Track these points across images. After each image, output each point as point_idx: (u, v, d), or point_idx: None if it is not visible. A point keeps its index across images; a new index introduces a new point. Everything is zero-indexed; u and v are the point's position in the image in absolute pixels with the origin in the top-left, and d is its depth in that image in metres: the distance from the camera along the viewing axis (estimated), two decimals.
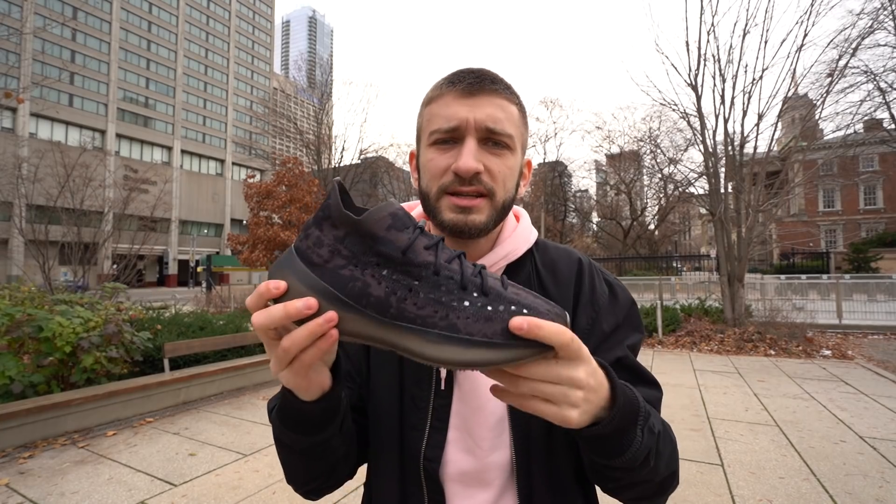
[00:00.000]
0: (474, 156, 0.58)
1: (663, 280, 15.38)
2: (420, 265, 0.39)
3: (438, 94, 0.63)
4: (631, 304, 0.70)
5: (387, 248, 0.39)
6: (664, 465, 0.55)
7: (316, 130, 29.58)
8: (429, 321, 0.38)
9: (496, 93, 0.61)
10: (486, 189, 0.60)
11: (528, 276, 0.69)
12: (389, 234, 0.39)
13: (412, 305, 0.39)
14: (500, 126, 0.60)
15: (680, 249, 49.36)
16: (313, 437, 0.54)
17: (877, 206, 35.59)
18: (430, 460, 0.62)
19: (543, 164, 35.85)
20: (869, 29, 9.55)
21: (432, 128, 0.62)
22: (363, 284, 0.39)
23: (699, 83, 9.29)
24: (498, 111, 0.60)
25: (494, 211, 0.62)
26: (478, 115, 0.59)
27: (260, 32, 64.42)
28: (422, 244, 0.40)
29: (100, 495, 2.90)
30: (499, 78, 0.63)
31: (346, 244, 0.40)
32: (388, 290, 0.39)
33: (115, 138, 45.93)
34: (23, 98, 5.71)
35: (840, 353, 7.23)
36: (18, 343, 4.21)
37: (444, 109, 0.61)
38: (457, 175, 0.59)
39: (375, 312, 0.39)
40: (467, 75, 0.61)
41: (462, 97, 0.60)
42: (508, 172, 0.62)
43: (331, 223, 0.40)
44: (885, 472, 3.08)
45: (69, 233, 8.44)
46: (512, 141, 0.61)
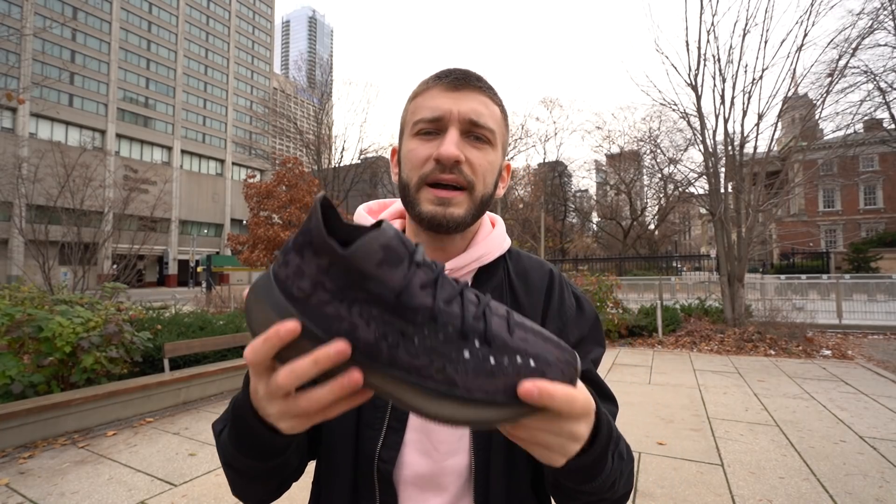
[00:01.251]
0: (456, 144, 0.59)
1: (663, 280, 15.39)
2: (416, 309, 0.34)
3: (425, 89, 0.64)
4: (595, 318, 0.72)
5: (378, 288, 0.33)
6: (623, 485, 0.55)
7: (316, 130, 29.58)
8: (423, 372, 0.34)
9: (480, 90, 0.63)
10: (465, 181, 0.61)
11: (500, 282, 0.70)
12: (381, 271, 0.33)
13: (405, 354, 0.34)
14: (482, 119, 0.61)
15: (680, 249, 49.37)
16: (272, 461, 0.50)
17: (877, 206, 35.59)
18: (384, 461, 0.60)
19: (543, 164, 35.87)
20: (869, 29, 9.55)
21: (416, 118, 0.63)
22: (350, 326, 0.33)
23: (699, 83, 9.30)
24: (481, 106, 0.62)
25: (473, 205, 0.62)
26: (461, 107, 0.60)
27: (260, 32, 64.42)
28: (418, 283, 0.34)
29: (100, 495, 2.90)
30: (483, 78, 0.64)
31: (331, 276, 0.33)
32: (379, 334, 0.34)
33: (115, 138, 45.94)
34: (23, 98, 5.71)
35: (840, 353, 7.23)
36: (18, 343, 4.21)
37: (429, 101, 0.62)
38: (438, 163, 0.59)
39: (365, 357, 0.34)
40: (454, 71, 0.63)
41: (447, 91, 0.62)
42: (488, 167, 0.63)
43: (312, 250, 0.34)
44: (885, 472, 3.08)
45: (69, 233, 8.44)
46: (493, 136, 0.63)
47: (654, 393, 5.19)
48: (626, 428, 3.93)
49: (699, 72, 9.26)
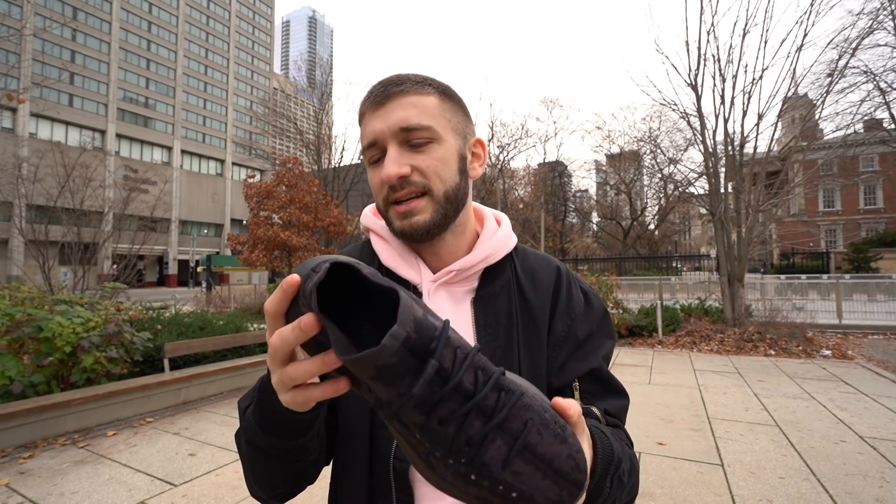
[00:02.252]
0: (396, 162, 0.60)
1: (663, 280, 15.39)
2: (407, 422, 0.34)
3: (361, 115, 0.65)
4: (604, 312, 0.73)
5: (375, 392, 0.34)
6: (626, 495, 0.55)
7: (316, 130, 29.59)
8: (415, 447, 0.36)
9: (403, 93, 0.62)
10: (420, 188, 0.61)
11: (507, 280, 0.70)
12: (374, 384, 0.34)
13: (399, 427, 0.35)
14: (412, 122, 0.60)
15: (680, 249, 49.36)
16: (293, 441, 0.52)
17: (877, 206, 35.59)
18: (400, 460, 0.61)
19: (543, 164, 35.85)
20: (869, 29, 9.55)
21: (362, 149, 0.65)
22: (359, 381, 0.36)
23: (699, 83, 9.30)
24: (408, 109, 0.61)
25: (438, 205, 0.62)
26: (389, 122, 0.61)
27: (260, 32, 64.41)
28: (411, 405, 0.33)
29: (100, 495, 2.90)
30: (406, 78, 0.63)
31: None
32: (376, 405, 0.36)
33: (115, 138, 45.92)
34: (23, 98, 5.71)
35: (840, 353, 7.23)
36: (18, 343, 4.21)
37: (365, 128, 0.64)
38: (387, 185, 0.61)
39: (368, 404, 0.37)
40: (376, 87, 0.63)
41: (375, 110, 0.62)
42: (439, 164, 0.62)
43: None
44: (885, 472, 3.08)
45: (69, 233, 8.44)
46: (431, 132, 0.62)
47: (654, 393, 5.19)
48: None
49: (699, 72, 9.26)
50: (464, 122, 0.68)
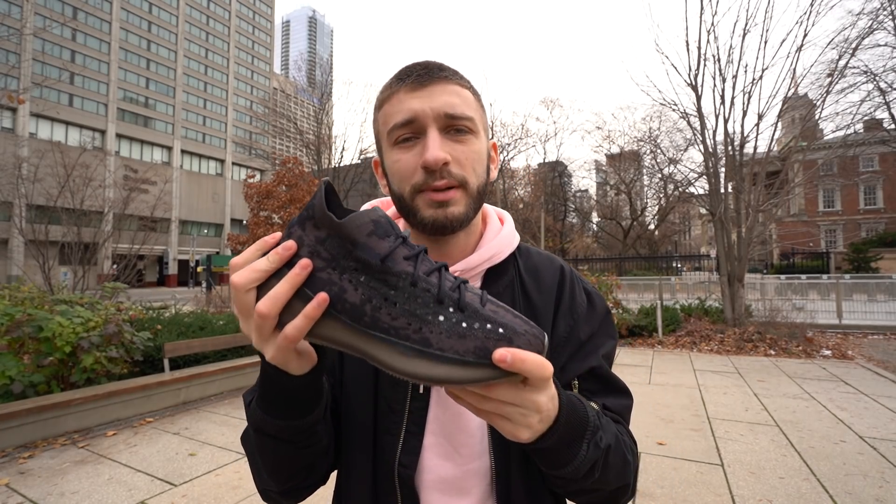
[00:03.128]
0: (440, 145, 0.57)
1: (663, 280, 15.39)
2: (397, 274, 0.39)
3: (389, 94, 0.61)
4: (606, 312, 0.72)
5: (366, 254, 0.39)
6: (614, 476, 0.56)
7: (316, 130, 29.59)
8: (402, 333, 0.38)
9: (447, 80, 0.60)
10: (457, 180, 0.59)
11: (510, 280, 0.69)
12: (370, 240, 0.39)
13: (386, 315, 0.38)
14: (458, 110, 0.59)
15: (680, 249, 49.36)
16: (301, 419, 0.51)
17: (877, 206, 35.59)
18: (404, 466, 0.60)
19: (543, 164, 35.84)
20: (869, 29, 9.55)
21: (389, 126, 0.60)
22: (339, 289, 0.38)
23: (699, 83, 9.29)
24: (453, 97, 0.59)
25: (471, 199, 0.61)
26: (434, 103, 0.58)
27: (260, 32, 64.40)
28: (402, 254, 0.40)
29: (100, 495, 2.90)
30: (446, 66, 0.62)
31: (327, 246, 0.39)
32: (364, 297, 0.38)
33: (115, 138, 45.92)
34: (23, 98, 5.72)
35: (840, 353, 7.23)
36: (18, 343, 4.21)
37: (398, 106, 0.59)
38: (426, 170, 0.57)
39: (349, 319, 0.38)
40: (415, 68, 0.60)
41: (414, 90, 0.59)
42: (476, 157, 0.61)
43: (313, 223, 0.40)
44: (885, 472, 3.08)
45: (69, 233, 8.43)
46: (473, 124, 0.60)
47: (654, 393, 5.19)
48: None
49: (699, 72, 9.26)
50: (487, 124, 0.67)
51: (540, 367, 0.38)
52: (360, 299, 0.38)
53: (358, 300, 0.38)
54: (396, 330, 0.38)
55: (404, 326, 0.38)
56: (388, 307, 0.38)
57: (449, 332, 0.38)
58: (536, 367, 0.38)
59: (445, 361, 0.37)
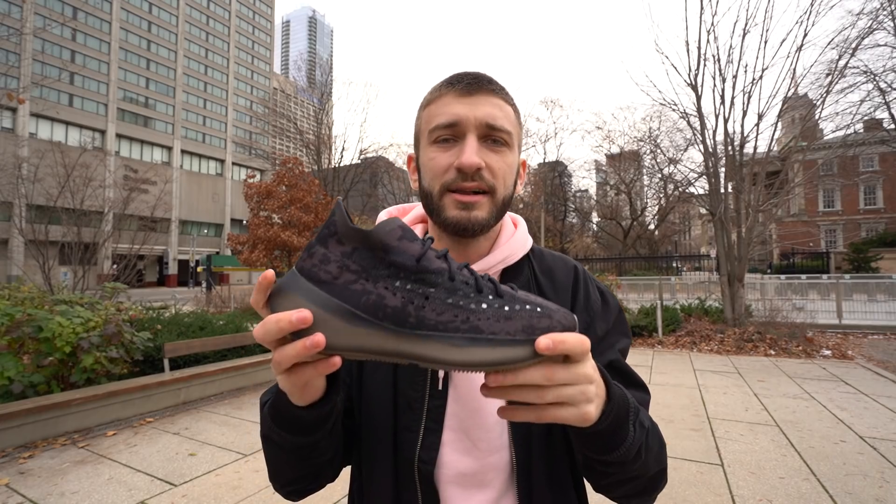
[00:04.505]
0: (476, 151, 0.60)
1: (663, 280, 15.40)
2: (435, 272, 0.40)
3: (437, 96, 0.64)
4: (619, 310, 0.74)
5: (400, 257, 0.39)
6: (654, 461, 0.57)
7: (316, 130, 29.60)
8: (450, 326, 0.38)
9: (493, 93, 0.63)
10: (487, 186, 0.62)
11: (526, 280, 0.71)
12: (402, 244, 0.40)
13: (432, 312, 0.39)
14: (499, 123, 0.62)
15: (680, 249, 49.37)
16: (302, 438, 0.54)
17: (877, 206, 35.58)
18: (424, 462, 0.61)
19: (543, 164, 35.84)
20: (868, 29, 9.55)
21: (432, 125, 0.63)
22: (377, 297, 0.38)
23: (699, 83, 9.29)
24: (496, 109, 0.62)
25: (495, 207, 0.63)
26: (477, 112, 0.61)
27: (260, 32, 64.39)
28: (433, 254, 0.41)
29: (100, 495, 2.90)
30: (495, 80, 0.65)
31: (355, 259, 0.39)
32: (405, 299, 0.39)
33: (115, 138, 45.91)
34: (23, 98, 5.71)
35: (840, 353, 7.23)
36: (18, 343, 4.21)
37: (444, 108, 0.63)
38: (459, 171, 0.60)
39: (393, 324, 0.38)
40: (465, 76, 0.64)
41: (461, 96, 0.62)
42: (508, 169, 0.64)
43: (336, 240, 0.40)
44: (885, 472, 3.08)
45: (69, 233, 8.43)
46: (510, 138, 0.63)
47: (654, 393, 5.19)
48: None
49: (699, 72, 9.26)
50: (521, 142, 0.70)
51: (580, 342, 0.40)
52: (402, 302, 0.38)
53: (399, 303, 0.38)
54: (445, 324, 0.38)
55: (451, 319, 0.38)
56: (432, 304, 0.39)
57: (496, 315, 0.39)
58: (577, 343, 0.39)
59: (500, 344, 0.38)
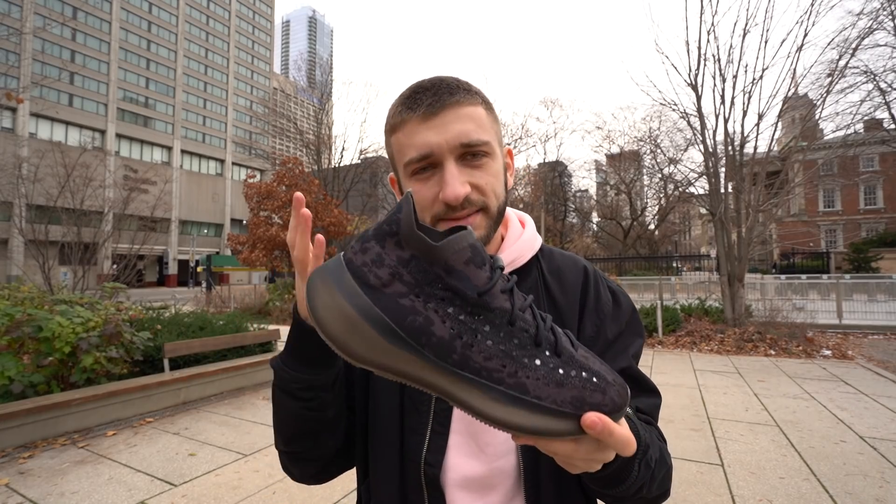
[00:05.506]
0: (459, 180, 0.56)
1: (663, 280, 15.40)
2: (495, 311, 0.34)
3: (400, 122, 0.59)
4: (633, 310, 0.71)
5: (462, 284, 0.34)
6: (657, 487, 0.57)
7: (316, 130, 29.58)
8: (495, 376, 0.34)
9: (458, 104, 0.57)
10: (478, 206, 0.59)
11: (534, 282, 0.69)
12: (468, 269, 0.34)
13: (479, 355, 0.34)
14: (474, 137, 0.57)
15: (680, 249, 49.36)
16: (312, 374, 0.55)
17: (877, 206, 35.57)
18: (430, 465, 0.61)
19: (543, 164, 35.84)
20: (869, 29, 9.54)
21: (405, 159, 0.59)
22: (425, 320, 0.34)
23: (699, 83, 9.29)
24: (467, 122, 0.57)
25: (491, 220, 0.61)
26: (448, 135, 0.56)
27: (260, 32, 64.39)
28: (499, 287, 0.35)
29: (100, 495, 2.90)
30: (456, 86, 0.59)
31: (412, 269, 0.34)
32: (454, 332, 0.34)
33: (115, 138, 45.91)
34: (23, 98, 5.72)
35: (840, 353, 7.23)
36: (18, 343, 4.21)
37: (412, 138, 0.58)
38: (446, 204, 0.57)
39: (434, 355, 0.34)
40: (423, 96, 0.58)
41: (425, 120, 0.57)
42: (495, 179, 0.60)
43: (396, 241, 0.34)
44: (885, 472, 3.08)
45: (69, 233, 8.43)
46: (489, 147, 0.59)
47: None
48: None
49: (699, 72, 9.25)
50: (500, 133, 0.65)
51: (625, 444, 0.35)
52: (450, 334, 0.34)
53: (447, 335, 0.34)
54: (489, 372, 0.34)
55: (499, 369, 0.34)
56: (481, 345, 0.34)
57: (546, 378, 0.34)
58: (622, 443, 0.35)
59: (541, 411, 0.34)
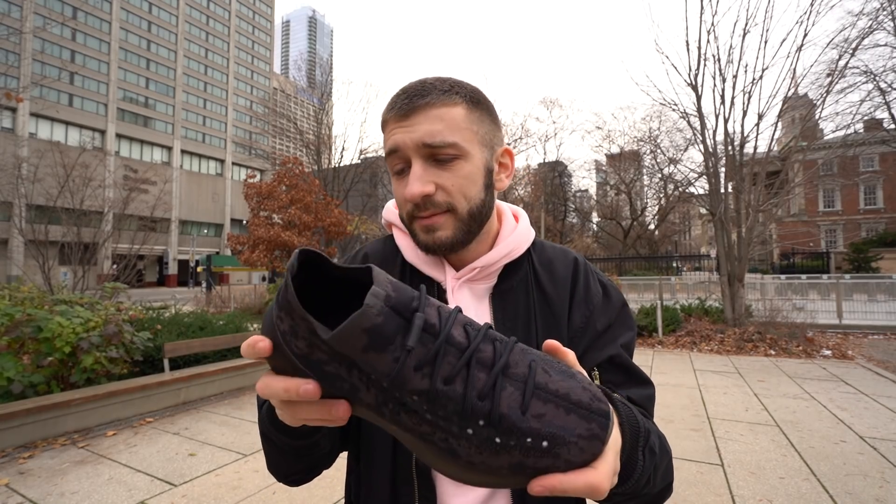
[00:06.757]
0: (420, 179, 0.58)
1: (663, 280, 15.40)
2: (411, 392, 0.32)
3: (384, 120, 0.63)
4: (623, 304, 0.72)
5: (368, 369, 0.32)
6: (661, 479, 0.55)
7: (316, 130, 29.57)
8: (427, 437, 0.33)
9: (429, 105, 0.59)
10: (443, 208, 0.60)
11: (525, 274, 0.70)
12: (368, 356, 0.31)
13: (408, 419, 0.33)
14: (437, 139, 0.58)
15: (680, 249, 49.36)
16: (301, 441, 0.54)
17: (877, 206, 35.58)
18: None
19: (543, 164, 35.86)
20: (868, 29, 9.55)
21: (385, 156, 0.63)
22: (351, 387, 0.32)
23: (699, 83, 9.28)
24: (434, 123, 0.58)
25: (461, 223, 0.61)
26: (413, 135, 0.58)
27: (260, 32, 64.38)
28: (412, 364, 0.31)
29: (100, 495, 2.90)
30: (433, 87, 0.60)
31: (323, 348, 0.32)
32: (379, 400, 0.33)
33: (115, 138, 45.90)
34: (22, 98, 5.72)
35: (840, 353, 7.23)
36: (18, 343, 4.21)
37: (389, 136, 0.61)
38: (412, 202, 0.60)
39: (372, 411, 0.34)
40: (400, 97, 0.60)
41: (400, 121, 0.60)
42: (464, 181, 0.60)
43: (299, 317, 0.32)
44: (885, 472, 3.08)
45: (69, 233, 8.43)
46: (457, 148, 0.59)
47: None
48: None
49: (699, 72, 9.25)
50: (492, 132, 0.65)
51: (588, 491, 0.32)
52: (376, 400, 0.33)
53: (373, 401, 0.33)
54: (421, 434, 0.33)
55: (429, 433, 0.33)
56: (408, 414, 0.33)
57: (480, 447, 0.32)
58: (584, 492, 0.32)
59: (476, 470, 0.33)
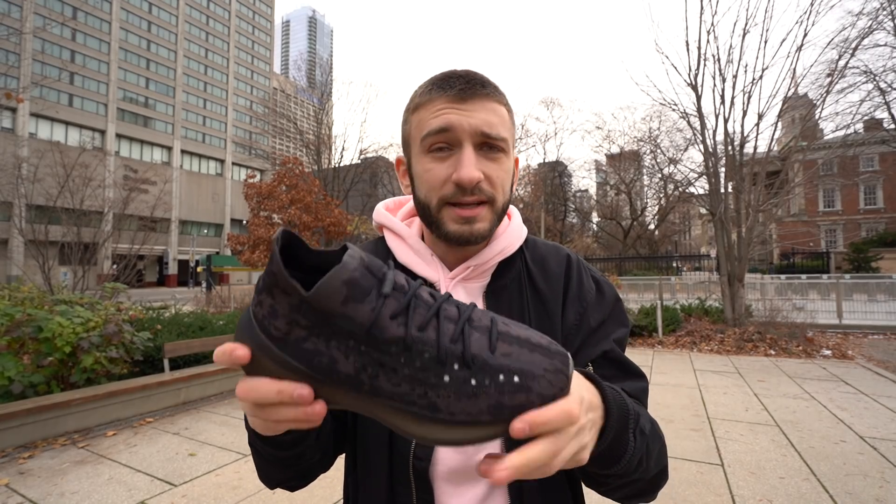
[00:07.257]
0: (474, 164, 0.58)
1: (663, 280, 15.40)
2: (388, 341, 0.34)
3: (428, 100, 0.61)
4: (616, 299, 0.72)
5: (347, 325, 0.33)
6: (654, 463, 0.55)
7: (316, 130, 29.58)
8: (406, 399, 0.34)
9: (488, 97, 0.60)
10: (486, 196, 0.60)
11: (518, 271, 0.70)
12: (347, 308, 0.33)
13: (387, 382, 0.34)
14: (495, 131, 0.59)
15: (680, 249, 49.37)
16: (286, 451, 0.54)
17: (877, 205, 35.59)
18: (420, 459, 0.61)
19: (543, 164, 35.86)
20: (868, 29, 9.55)
21: (424, 132, 0.60)
22: (329, 360, 0.34)
23: (699, 83, 9.29)
24: (492, 115, 0.59)
25: (495, 216, 0.63)
26: (472, 120, 0.58)
27: (260, 32, 64.38)
28: (388, 313, 0.34)
29: (100, 495, 2.90)
30: (488, 81, 0.62)
31: (304, 313, 0.33)
32: (358, 365, 0.34)
33: (115, 138, 45.90)
34: (22, 98, 5.72)
35: (840, 352, 7.23)
36: (18, 343, 4.21)
37: (437, 115, 0.59)
38: (458, 185, 0.58)
39: (350, 389, 0.34)
40: (457, 80, 0.60)
41: (454, 102, 0.59)
42: (506, 176, 0.62)
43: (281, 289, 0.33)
44: (885, 472, 3.08)
45: (69, 233, 8.43)
46: (506, 144, 0.61)
47: (654, 393, 5.19)
48: None
49: (699, 72, 9.25)
50: (514, 139, 0.67)
51: (567, 416, 0.35)
52: (354, 368, 0.34)
53: (352, 370, 0.34)
54: (400, 396, 0.34)
55: (408, 392, 0.34)
56: (386, 374, 0.34)
57: (458, 393, 0.34)
58: (564, 418, 0.35)
59: (458, 424, 0.34)
